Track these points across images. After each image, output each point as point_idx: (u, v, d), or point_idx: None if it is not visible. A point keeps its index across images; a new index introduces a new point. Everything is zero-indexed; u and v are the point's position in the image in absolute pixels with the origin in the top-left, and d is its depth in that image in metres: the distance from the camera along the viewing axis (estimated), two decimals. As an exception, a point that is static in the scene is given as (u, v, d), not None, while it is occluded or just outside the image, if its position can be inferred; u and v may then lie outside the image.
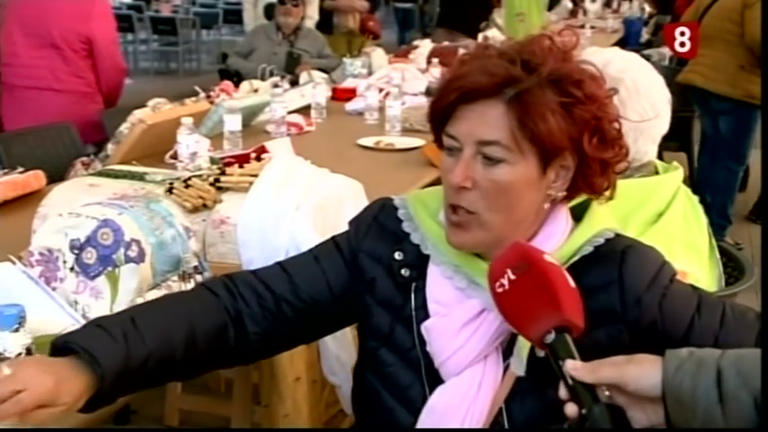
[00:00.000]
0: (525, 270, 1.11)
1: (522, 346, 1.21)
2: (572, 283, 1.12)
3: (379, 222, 1.37)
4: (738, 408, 1.01)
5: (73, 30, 3.74)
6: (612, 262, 1.24)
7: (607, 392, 1.05)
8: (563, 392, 1.07)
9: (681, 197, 1.78)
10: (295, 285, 1.34)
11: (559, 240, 1.28)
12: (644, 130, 1.75)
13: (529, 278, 1.11)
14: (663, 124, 1.80)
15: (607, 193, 1.31)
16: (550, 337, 1.08)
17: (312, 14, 6.44)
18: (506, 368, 1.25)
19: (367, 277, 1.34)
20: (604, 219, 1.31)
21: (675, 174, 1.80)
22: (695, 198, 1.83)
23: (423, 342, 1.29)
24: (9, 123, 3.81)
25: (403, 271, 1.32)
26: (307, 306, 1.34)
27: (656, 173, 1.81)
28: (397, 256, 1.33)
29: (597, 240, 1.26)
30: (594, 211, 1.32)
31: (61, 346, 1.17)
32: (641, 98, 1.75)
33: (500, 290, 1.13)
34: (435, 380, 1.28)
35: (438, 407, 1.26)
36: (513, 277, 1.11)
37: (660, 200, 1.74)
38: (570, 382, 1.06)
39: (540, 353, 1.18)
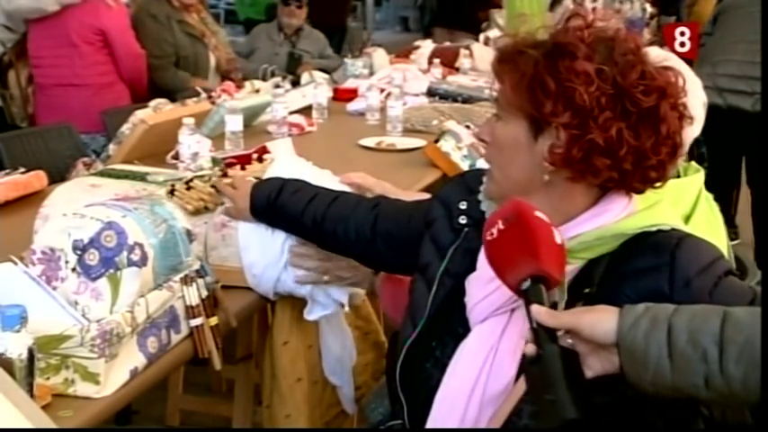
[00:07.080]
0: (513, 222, 1.20)
1: None
2: (558, 240, 1.20)
3: (464, 177, 1.57)
4: (685, 362, 1.09)
5: (86, 24, 3.88)
6: (666, 247, 1.28)
7: (570, 340, 1.15)
8: (527, 335, 1.16)
9: (703, 201, 1.75)
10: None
11: (606, 221, 1.31)
12: None
13: (515, 229, 1.20)
14: (696, 128, 1.69)
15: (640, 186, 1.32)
16: (526, 284, 1.17)
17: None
18: None
19: (430, 216, 1.52)
20: (665, 215, 1.34)
21: (698, 176, 1.77)
22: (715, 205, 1.80)
23: (446, 274, 1.43)
24: (40, 121, 3.96)
25: (461, 218, 1.46)
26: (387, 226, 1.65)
27: (678, 174, 1.78)
28: (462, 205, 1.47)
29: (651, 228, 1.29)
30: (658, 206, 1.35)
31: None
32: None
33: (489, 237, 1.22)
34: (435, 298, 1.42)
35: (462, 354, 1.34)
36: (501, 227, 1.21)
37: (686, 203, 1.71)
38: (534, 325, 1.15)
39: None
